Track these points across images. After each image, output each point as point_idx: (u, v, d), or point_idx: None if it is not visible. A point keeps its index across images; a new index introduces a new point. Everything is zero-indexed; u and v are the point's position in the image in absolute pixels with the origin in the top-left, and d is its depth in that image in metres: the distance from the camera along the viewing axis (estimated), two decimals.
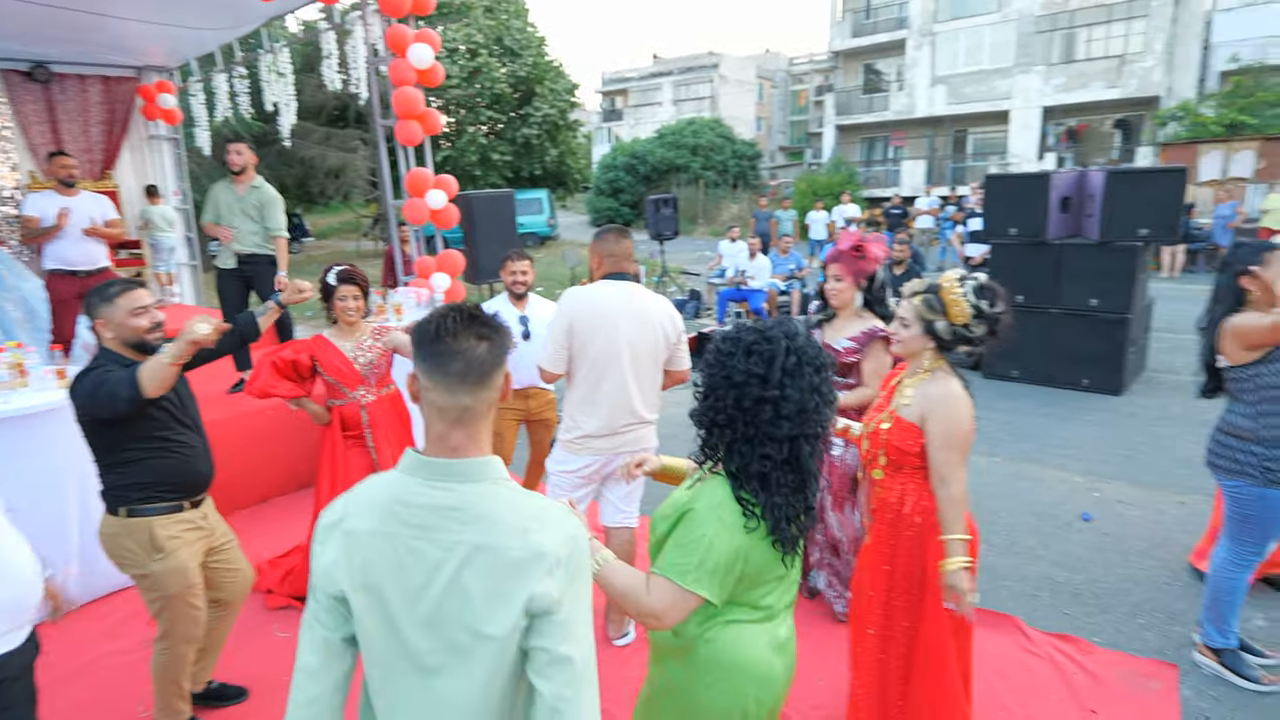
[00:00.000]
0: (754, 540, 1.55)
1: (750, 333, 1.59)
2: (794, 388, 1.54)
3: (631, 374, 2.96)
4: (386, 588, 1.24)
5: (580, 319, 2.94)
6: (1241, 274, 2.87)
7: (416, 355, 1.27)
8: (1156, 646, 3.20)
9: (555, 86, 23.63)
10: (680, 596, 1.52)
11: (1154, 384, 7.10)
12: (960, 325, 2.12)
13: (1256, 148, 15.06)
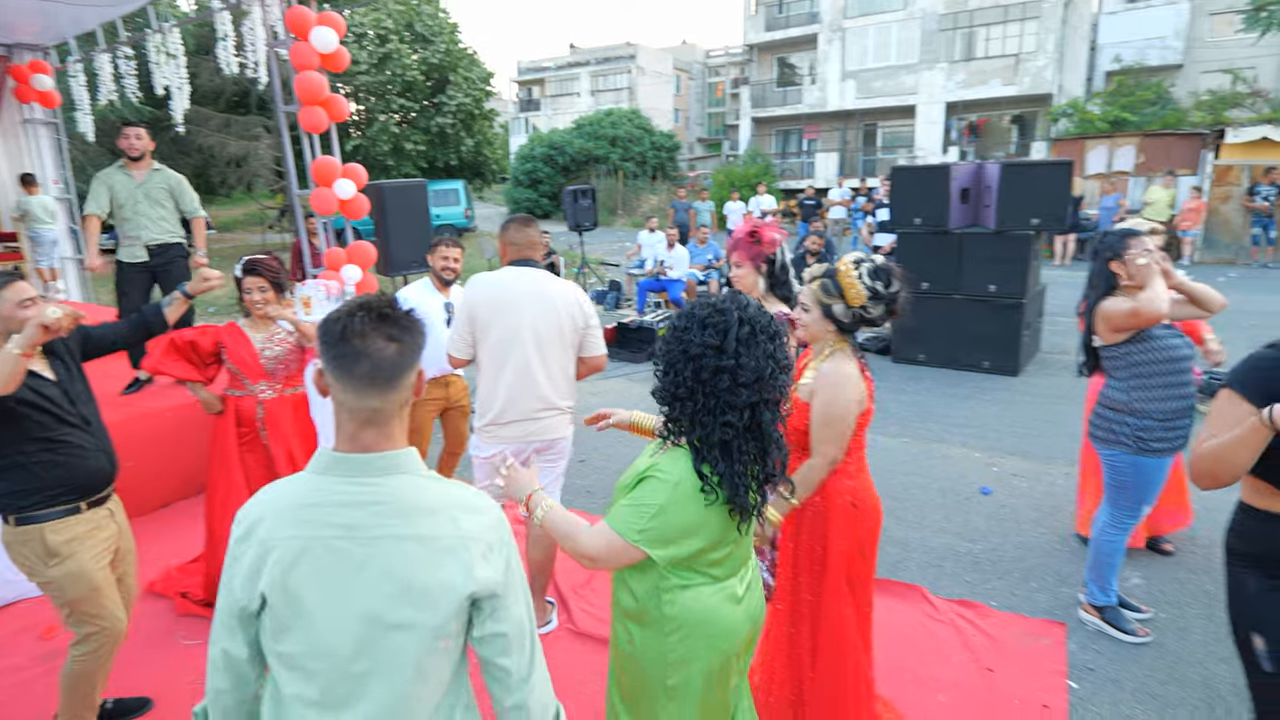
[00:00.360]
0: (711, 511, 1.61)
1: (703, 307, 1.65)
2: (749, 356, 1.59)
3: (536, 358, 2.98)
4: (308, 593, 1.20)
5: (481, 304, 2.97)
6: (1111, 260, 3.09)
7: (322, 355, 1.24)
8: (1047, 607, 3.42)
9: (470, 75, 23.17)
10: (621, 548, 1.62)
11: (1047, 365, 7.55)
12: (857, 307, 2.17)
13: (1136, 143, 16.12)
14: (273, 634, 1.23)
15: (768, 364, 1.61)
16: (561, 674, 2.98)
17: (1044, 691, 2.86)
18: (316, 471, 1.26)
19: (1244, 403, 1.82)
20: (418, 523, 1.22)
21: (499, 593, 1.25)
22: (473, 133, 24.12)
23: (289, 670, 1.23)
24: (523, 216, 3.17)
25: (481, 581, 1.22)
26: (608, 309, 11.31)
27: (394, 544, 1.20)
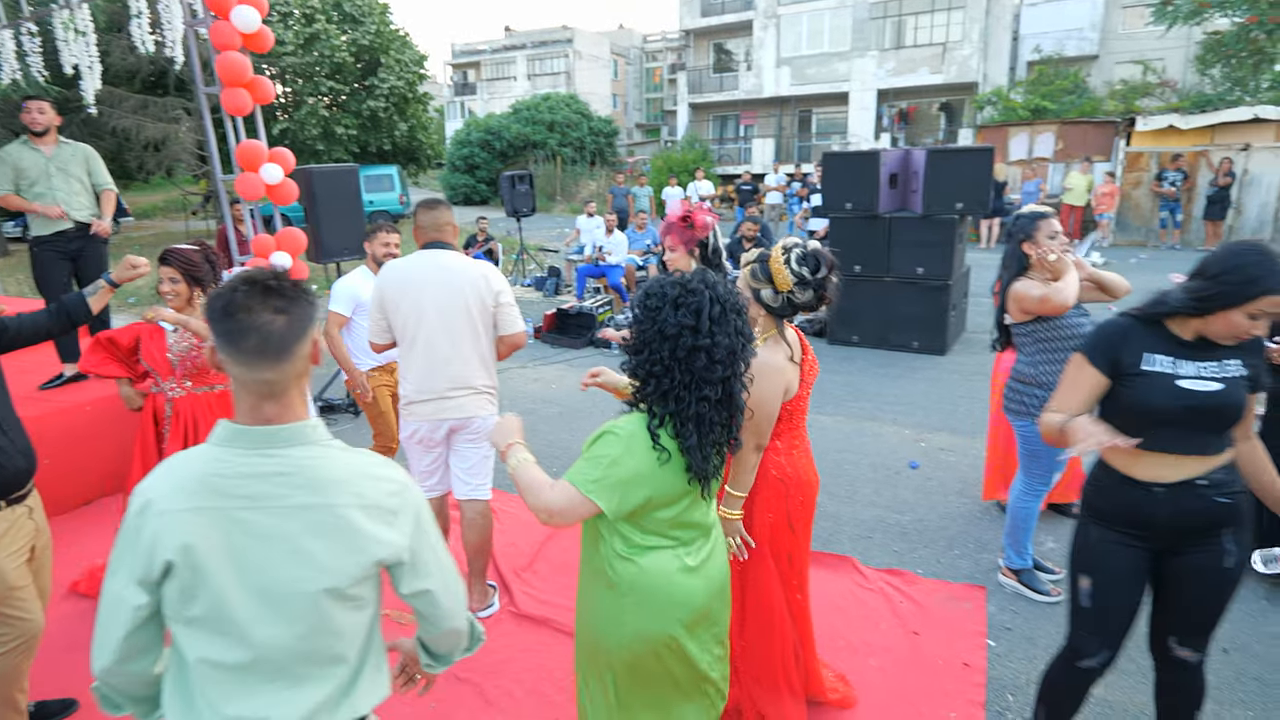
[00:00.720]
0: (664, 470, 1.69)
1: (673, 287, 1.69)
2: (722, 334, 1.67)
3: (443, 338, 3.04)
4: (213, 565, 1.21)
5: (388, 289, 3.06)
6: (1023, 241, 3.26)
7: (212, 331, 1.24)
8: (968, 572, 3.61)
9: (402, 57, 22.58)
10: (576, 499, 1.67)
11: (972, 344, 7.86)
12: (785, 292, 2.21)
13: (1055, 130, 16.82)
14: (179, 602, 1.23)
15: (738, 340, 1.71)
16: (504, 656, 3.02)
17: (965, 651, 3.03)
18: (218, 444, 1.26)
19: (1090, 367, 1.98)
20: (325, 491, 1.25)
21: (411, 555, 1.32)
22: (406, 117, 23.55)
23: (195, 632, 1.24)
24: (431, 199, 3.22)
25: (390, 545, 1.28)
26: (547, 295, 11.26)
27: (301, 513, 1.23)
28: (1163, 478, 1.94)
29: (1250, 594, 3.36)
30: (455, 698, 2.81)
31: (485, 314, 3.10)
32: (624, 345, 1.77)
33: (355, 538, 1.26)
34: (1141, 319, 1.97)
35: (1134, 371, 1.93)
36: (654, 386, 1.69)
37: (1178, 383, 1.88)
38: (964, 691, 2.80)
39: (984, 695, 2.78)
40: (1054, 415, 2.02)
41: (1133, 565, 2.03)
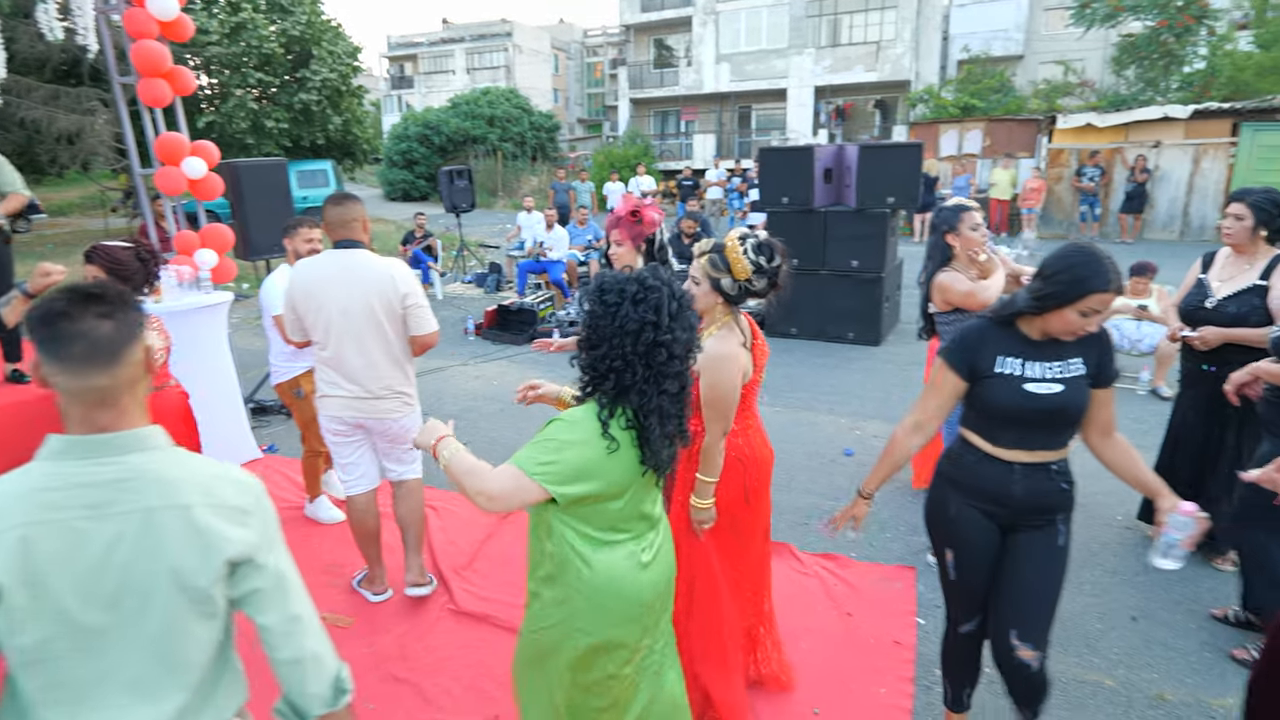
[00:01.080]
0: (613, 459, 1.68)
1: (629, 283, 1.70)
2: (680, 329, 1.70)
3: (351, 341, 3.01)
4: (52, 580, 1.17)
5: (296, 291, 3.04)
6: (947, 233, 3.39)
7: (34, 344, 1.21)
8: (899, 554, 3.73)
9: (334, 49, 21.94)
10: (522, 483, 1.64)
11: (906, 334, 8.08)
12: (744, 280, 2.27)
13: (983, 127, 17.39)
14: (11, 628, 1.17)
15: (693, 335, 1.75)
16: (444, 654, 3.00)
17: (896, 630, 3.14)
18: (48, 458, 1.22)
19: (950, 372, 2.10)
20: (170, 494, 1.22)
21: (255, 555, 1.28)
22: (340, 110, 22.91)
23: (35, 654, 1.19)
24: (339, 194, 3.13)
25: (238, 544, 1.25)
26: (488, 291, 11.15)
27: (147, 516, 1.20)
28: (1019, 459, 2.08)
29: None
30: (393, 697, 2.78)
31: (393, 316, 3.05)
32: (577, 341, 1.75)
33: (206, 537, 1.23)
34: (996, 321, 2.09)
35: (988, 374, 2.05)
36: (614, 382, 1.69)
37: (1024, 386, 2.00)
38: (894, 668, 2.90)
39: (913, 671, 2.89)
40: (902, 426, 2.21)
41: (990, 538, 2.17)
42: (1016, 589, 2.13)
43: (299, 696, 1.35)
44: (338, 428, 3.17)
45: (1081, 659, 2.96)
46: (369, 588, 3.43)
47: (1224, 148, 14.24)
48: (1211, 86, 17.04)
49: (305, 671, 1.34)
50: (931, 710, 2.70)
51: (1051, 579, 2.13)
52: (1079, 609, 3.26)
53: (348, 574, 3.60)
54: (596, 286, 1.73)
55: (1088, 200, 14.91)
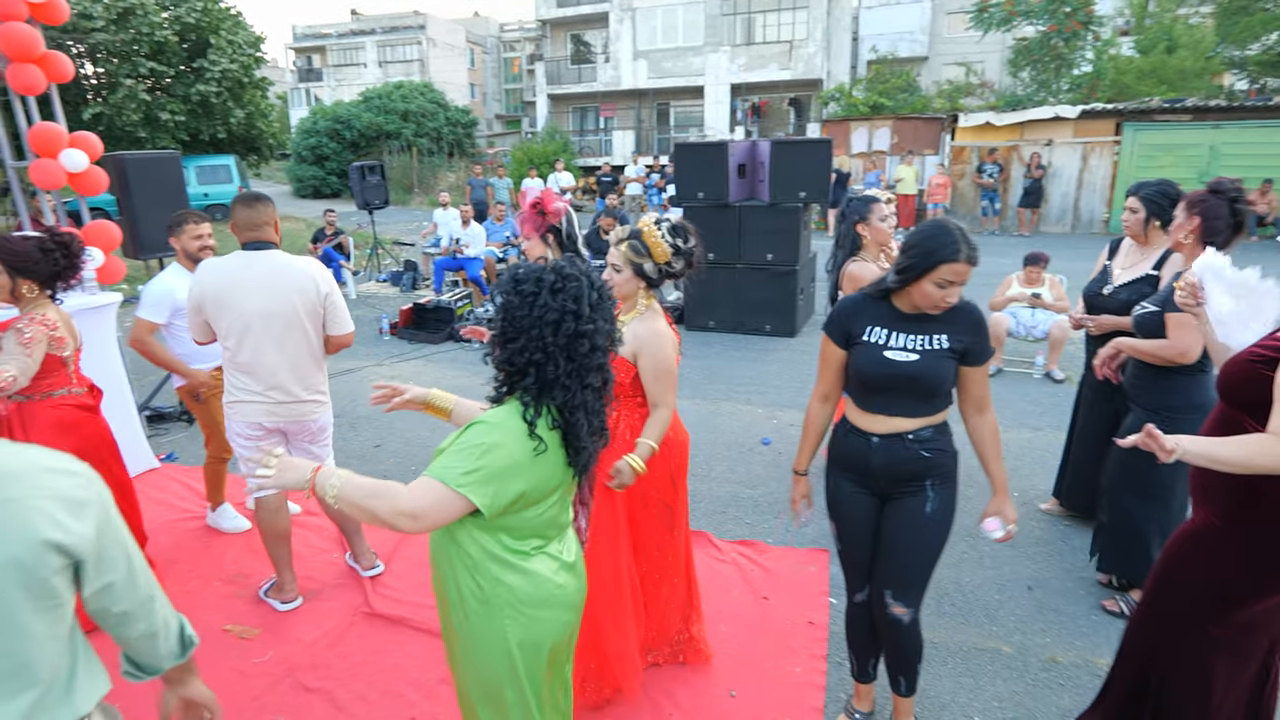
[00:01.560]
0: (540, 462, 1.59)
1: (547, 273, 1.61)
2: (602, 319, 1.63)
3: (272, 346, 2.94)
4: None
5: (207, 295, 2.91)
6: (857, 223, 3.50)
7: None
8: (813, 538, 3.83)
9: (234, 38, 20.89)
10: (445, 497, 1.51)
11: (820, 325, 8.32)
12: (664, 263, 2.37)
13: (891, 125, 18.05)
14: None
15: (613, 327, 1.69)
16: (358, 660, 2.92)
17: (810, 611, 3.22)
18: None
19: (830, 343, 2.27)
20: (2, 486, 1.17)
21: (95, 549, 1.24)
22: (243, 103, 21.84)
23: None
24: (248, 194, 3.03)
25: (76, 536, 1.20)
26: (404, 290, 10.88)
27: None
28: (878, 430, 2.19)
29: (1051, 536, 3.78)
30: (304, 708, 2.69)
31: (315, 317, 3.02)
32: (492, 335, 1.66)
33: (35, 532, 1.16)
34: (872, 296, 2.23)
35: (857, 341, 2.19)
36: (534, 376, 1.59)
37: (884, 353, 2.14)
38: (808, 647, 2.98)
39: (826, 649, 2.98)
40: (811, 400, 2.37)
41: (865, 509, 2.30)
42: (889, 552, 2.26)
43: (150, 658, 1.40)
44: (252, 433, 3.06)
45: (981, 628, 3.11)
46: (278, 596, 3.31)
47: (1109, 146, 15.20)
48: (1097, 89, 18.17)
49: (158, 639, 1.39)
50: (844, 685, 2.79)
51: (922, 541, 2.22)
52: (979, 581, 3.43)
53: (253, 584, 3.46)
54: (511, 277, 1.63)
55: (988, 195, 15.67)
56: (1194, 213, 2.82)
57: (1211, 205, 2.78)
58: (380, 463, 4.89)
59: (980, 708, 2.67)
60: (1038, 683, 2.80)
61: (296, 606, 3.29)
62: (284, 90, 42.94)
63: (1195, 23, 19.94)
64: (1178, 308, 2.48)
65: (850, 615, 2.50)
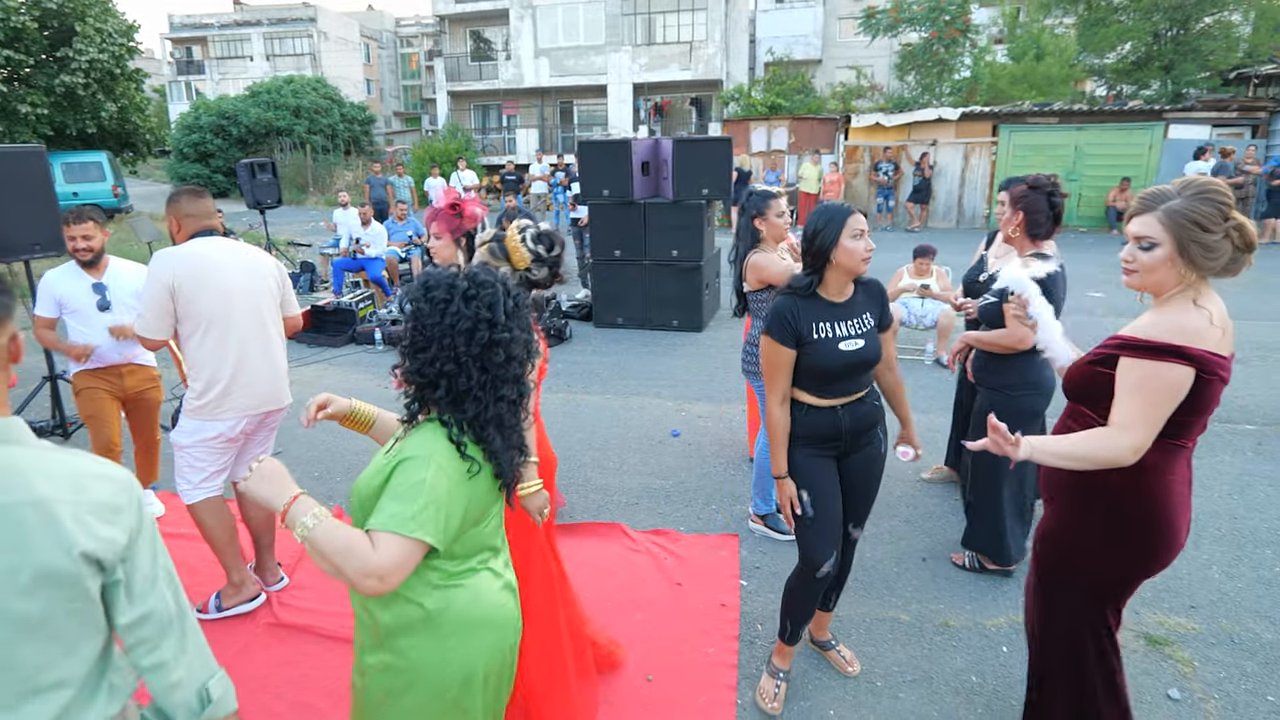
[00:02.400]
0: (475, 482, 1.53)
1: (461, 279, 1.53)
2: (518, 327, 1.55)
3: (256, 327, 2.99)
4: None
5: (182, 277, 2.84)
6: (755, 217, 3.61)
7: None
8: (724, 524, 3.94)
9: (103, 26, 19.47)
10: (407, 549, 1.41)
11: (726, 320, 8.52)
12: (523, 270, 2.31)
13: (788, 125, 18.61)
14: None
15: (531, 336, 1.61)
16: (263, 673, 2.81)
17: (722, 593, 3.32)
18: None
19: (781, 347, 2.36)
20: (33, 488, 1.14)
21: (125, 558, 1.23)
22: (115, 96, 20.36)
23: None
24: (191, 188, 3.12)
25: (105, 544, 1.19)
26: (301, 292, 10.45)
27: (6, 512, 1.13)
28: (839, 401, 2.42)
29: (943, 510, 4.02)
30: None
31: (278, 297, 3.13)
32: (401, 345, 1.56)
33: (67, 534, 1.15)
34: (800, 296, 2.36)
35: (809, 340, 2.32)
36: (445, 389, 1.51)
37: (840, 346, 2.32)
38: (721, 628, 3.08)
39: (738, 629, 3.08)
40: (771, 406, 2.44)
41: (832, 473, 2.49)
42: (862, 496, 2.56)
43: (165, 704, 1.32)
44: (232, 435, 3.02)
45: (881, 599, 3.28)
46: (236, 597, 3.17)
47: (987, 146, 16.20)
48: (976, 92, 19.32)
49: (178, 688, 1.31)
50: (755, 662, 2.89)
51: (875, 478, 2.57)
52: (880, 556, 3.61)
53: None
54: (421, 283, 1.55)
55: (883, 193, 16.40)
56: (1018, 208, 3.12)
57: (1032, 200, 3.09)
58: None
59: (882, 673, 2.83)
60: (934, 646, 2.98)
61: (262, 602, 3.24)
62: (162, 83, 40.39)
63: (1060, 33, 21.49)
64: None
65: (806, 586, 2.53)
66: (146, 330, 2.89)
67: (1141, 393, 1.75)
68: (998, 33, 23.32)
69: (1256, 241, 1.76)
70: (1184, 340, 1.71)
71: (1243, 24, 18.05)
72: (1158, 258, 1.77)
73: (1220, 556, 3.56)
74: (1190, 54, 17.49)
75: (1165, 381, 1.73)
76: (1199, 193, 1.73)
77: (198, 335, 2.90)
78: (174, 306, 2.85)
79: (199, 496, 3.05)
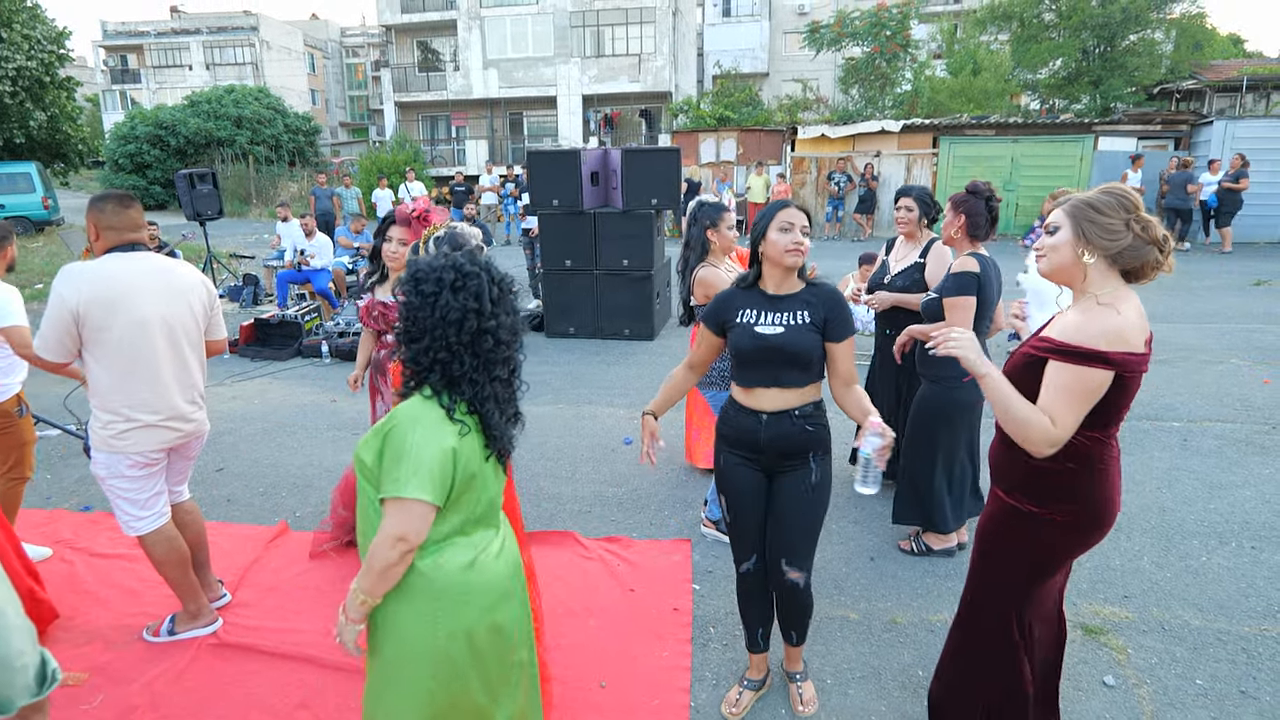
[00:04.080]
0: (467, 444, 1.64)
1: (446, 271, 1.62)
2: (504, 313, 1.67)
3: (171, 353, 2.78)
4: None
5: (89, 300, 2.59)
6: (708, 228, 3.65)
7: None
8: (676, 529, 3.97)
9: (32, 33, 18.78)
10: (413, 511, 1.56)
11: (677, 328, 8.57)
12: None
13: (736, 137, 18.88)
14: None
15: (517, 318, 1.72)
16: (207, 694, 2.74)
17: (675, 598, 3.34)
18: None
19: (707, 331, 2.52)
20: None
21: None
22: (44, 105, 19.64)
23: None
24: (119, 194, 2.81)
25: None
26: (244, 306, 10.20)
27: None
28: (765, 407, 2.40)
29: (890, 510, 4.11)
30: None
31: (203, 321, 2.94)
32: (396, 334, 1.69)
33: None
34: (742, 287, 2.48)
35: (731, 324, 2.43)
36: (440, 374, 1.64)
37: (755, 328, 2.38)
38: (674, 632, 3.09)
39: (690, 632, 3.10)
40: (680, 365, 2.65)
41: (753, 483, 2.48)
42: (781, 525, 2.45)
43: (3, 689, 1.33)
44: (151, 459, 2.80)
45: (831, 599, 3.34)
46: (193, 623, 3.05)
47: (929, 157, 16.68)
48: (917, 105, 19.89)
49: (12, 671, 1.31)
50: (709, 664, 2.91)
51: (809, 512, 2.43)
52: (830, 556, 3.68)
53: (76, 624, 3.15)
54: (411, 276, 1.65)
55: (834, 203, 16.74)
56: (959, 211, 3.36)
57: (972, 204, 3.34)
58: (223, 487, 4.57)
59: (832, 670, 2.88)
60: (881, 643, 3.04)
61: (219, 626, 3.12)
62: (95, 92, 39.06)
63: (996, 49, 22.28)
64: (954, 294, 3.15)
65: (740, 586, 2.63)
66: (46, 351, 2.65)
67: (1067, 393, 1.85)
68: (936, 48, 24.09)
69: (1162, 238, 1.87)
70: (1106, 345, 1.81)
71: (1165, 42, 18.99)
72: (1061, 239, 1.93)
73: (1150, 548, 3.71)
74: (1117, 70, 18.32)
75: (1087, 386, 1.84)
76: (1101, 189, 1.92)
77: (102, 364, 2.67)
78: (77, 330, 2.62)
79: (143, 529, 2.87)
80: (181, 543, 2.98)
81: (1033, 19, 19.20)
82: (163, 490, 2.93)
